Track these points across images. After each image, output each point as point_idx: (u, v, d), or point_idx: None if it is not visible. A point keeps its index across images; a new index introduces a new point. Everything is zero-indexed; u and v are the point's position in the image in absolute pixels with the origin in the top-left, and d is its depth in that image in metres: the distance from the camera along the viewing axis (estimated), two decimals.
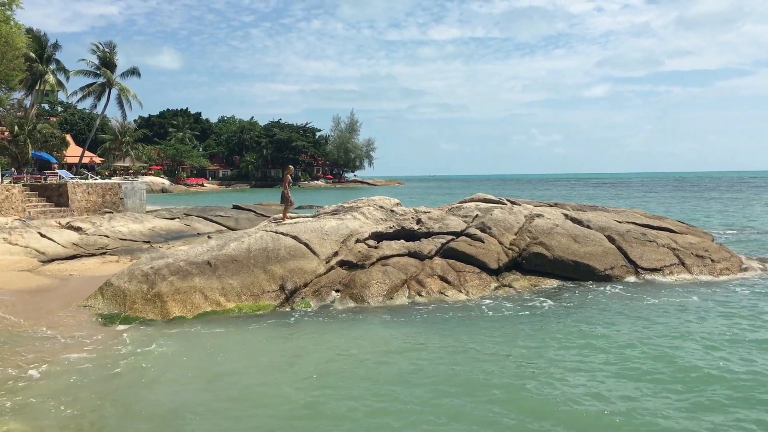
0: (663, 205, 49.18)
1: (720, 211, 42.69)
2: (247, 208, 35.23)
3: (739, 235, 26.73)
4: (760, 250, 21.41)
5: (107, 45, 52.37)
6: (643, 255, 16.67)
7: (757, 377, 8.86)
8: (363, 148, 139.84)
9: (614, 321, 12.10)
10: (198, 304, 13.28)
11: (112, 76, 52.11)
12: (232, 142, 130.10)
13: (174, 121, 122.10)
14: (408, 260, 15.77)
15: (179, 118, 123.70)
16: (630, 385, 8.63)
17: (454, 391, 8.55)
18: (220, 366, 9.85)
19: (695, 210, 43.73)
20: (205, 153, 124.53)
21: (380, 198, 19.98)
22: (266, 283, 14.03)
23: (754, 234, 27.06)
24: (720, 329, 11.35)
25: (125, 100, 54.44)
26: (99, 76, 52.16)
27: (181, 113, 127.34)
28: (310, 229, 16.12)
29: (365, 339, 11.21)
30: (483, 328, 11.79)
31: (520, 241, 16.89)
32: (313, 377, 9.21)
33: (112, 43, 52.72)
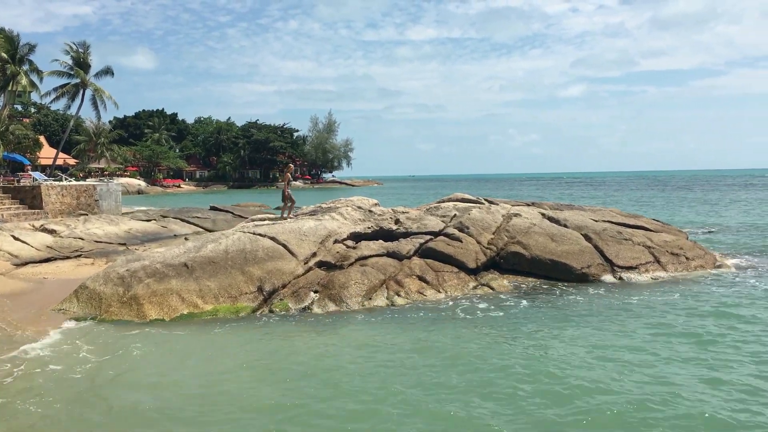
0: (638, 204, 49.73)
1: (694, 209, 43.27)
2: (224, 209, 34.99)
3: (713, 232, 27.11)
4: (733, 247, 21.72)
5: (81, 45, 51.67)
6: (619, 253, 16.83)
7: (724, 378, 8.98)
8: (341, 149, 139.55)
9: (585, 323, 12.11)
10: (175, 307, 13.16)
11: (86, 77, 51.42)
12: (209, 142, 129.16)
13: (150, 122, 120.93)
14: (386, 260, 15.77)
15: (155, 118, 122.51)
16: (597, 386, 8.62)
17: (426, 392, 8.54)
18: (189, 368, 9.82)
19: (670, 208, 44.27)
20: (182, 154, 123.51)
21: (358, 198, 19.97)
22: (244, 284, 13.94)
23: (728, 231, 27.47)
24: (692, 329, 11.47)
25: (100, 100, 53.77)
26: (73, 76, 51.46)
27: (157, 114, 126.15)
28: (288, 230, 16.05)
29: (340, 341, 11.16)
30: (457, 330, 11.77)
31: (497, 240, 16.97)
32: (284, 379, 9.17)
33: (86, 43, 51.99)
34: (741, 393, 8.22)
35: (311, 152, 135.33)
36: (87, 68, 51.77)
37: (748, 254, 20.16)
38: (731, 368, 9.16)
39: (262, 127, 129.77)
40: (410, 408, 8.00)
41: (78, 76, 51.34)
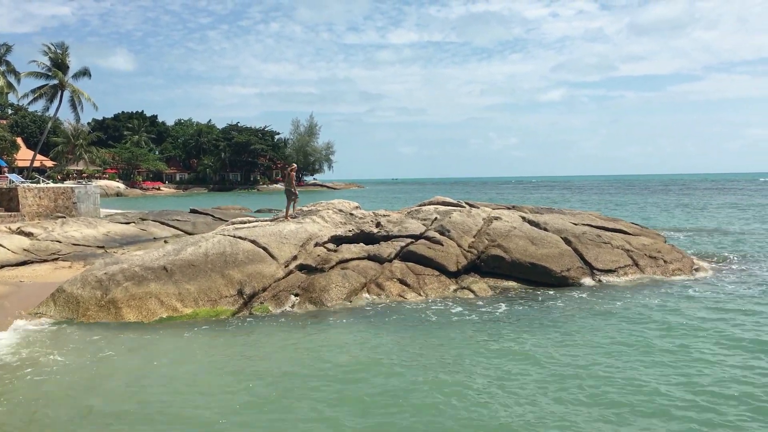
0: (617, 207, 50.15)
1: (672, 212, 43.74)
2: (204, 212, 34.81)
3: (691, 236, 27.42)
4: (710, 251, 21.98)
5: (59, 46, 51.21)
6: (598, 256, 16.96)
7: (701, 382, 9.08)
8: (322, 152, 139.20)
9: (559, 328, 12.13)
10: (154, 310, 13.06)
11: (64, 78, 50.94)
12: (189, 145, 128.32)
13: (129, 124, 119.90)
14: (367, 263, 15.76)
15: (135, 120, 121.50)
16: (563, 394, 8.60)
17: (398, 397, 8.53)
18: (156, 371, 9.78)
19: (647, 212, 44.70)
20: (162, 156, 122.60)
21: (339, 201, 19.95)
22: (224, 287, 13.87)
23: (705, 235, 27.80)
24: (671, 334, 11.57)
25: (78, 102, 53.27)
26: (51, 77, 50.96)
27: (137, 116, 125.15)
28: (268, 233, 16.00)
29: (317, 345, 11.08)
30: (433, 334, 11.74)
31: (478, 243, 17.03)
32: (254, 383, 9.12)
33: (64, 44, 51.57)
34: (717, 397, 8.30)
35: (292, 155, 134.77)
36: (65, 69, 51.29)
37: (723, 258, 20.40)
38: (707, 373, 9.24)
39: (243, 129, 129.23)
40: (367, 415, 7.96)
41: (56, 77, 50.83)
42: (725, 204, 52.19)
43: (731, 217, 37.79)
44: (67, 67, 51.48)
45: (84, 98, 53.03)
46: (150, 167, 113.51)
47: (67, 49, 51.64)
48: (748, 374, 9.09)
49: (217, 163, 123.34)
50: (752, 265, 18.92)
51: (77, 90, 52.61)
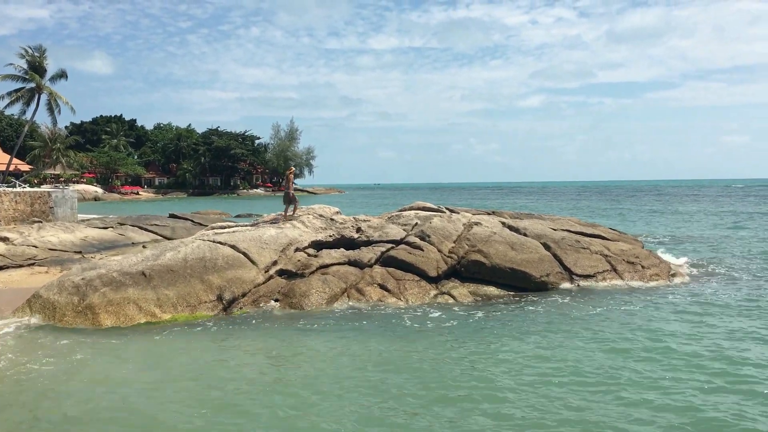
0: (595, 213, 50.61)
1: (650, 218, 44.23)
2: (184, 217, 34.55)
3: (668, 241, 27.74)
4: (686, 257, 22.22)
5: (36, 49, 50.64)
6: (577, 262, 17.09)
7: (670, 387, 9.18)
8: (303, 157, 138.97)
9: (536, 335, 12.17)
10: (132, 316, 12.94)
11: (41, 81, 50.38)
12: (168, 149, 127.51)
13: (107, 128, 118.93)
14: (348, 269, 15.75)
15: (113, 124, 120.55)
16: (543, 401, 8.62)
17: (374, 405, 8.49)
18: (128, 375, 9.72)
19: (626, 217, 45.16)
20: (141, 161, 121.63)
21: (320, 206, 19.90)
22: (203, 293, 13.78)
23: (682, 240, 28.14)
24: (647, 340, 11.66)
25: (55, 105, 52.69)
26: (28, 80, 50.37)
27: (115, 120, 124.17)
28: (248, 238, 15.93)
29: (294, 351, 11.01)
30: (412, 341, 11.72)
31: (458, 249, 17.08)
32: (226, 388, 9.05)
33: (42, 47, 51.00)
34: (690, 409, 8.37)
35: (273, 160, 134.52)
36: (43, 72, 50.74)
37: (700, 263, 20.66)
38: (683, 380, 9.32)
39: (223, 134, 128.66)
40: (341, 423, 7.91)
41: (33, 80, 50.27)
42: (702, 210, 52.87)
43: (708, 223, 38.30)
44: (45, 71, 50.94)
45: (61, 102, 52.49)
46: (128, 172, 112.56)
47: (45, 52, 51.12)
48: (726, 380, 9.20)
49: (197, 168, 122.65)
50: (728, 270, 19.17)
51: (54, 93, 52.05)
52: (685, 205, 63.14)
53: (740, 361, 10.01)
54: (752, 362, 9.92)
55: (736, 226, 35.49)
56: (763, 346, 10.88)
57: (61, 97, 52.67)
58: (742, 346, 10.87)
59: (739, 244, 26.17)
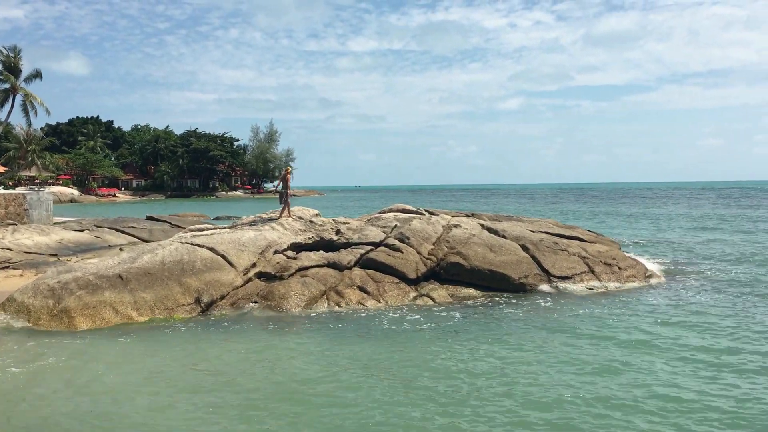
0: (573, 215, 51.04)
1: (627, 220, 44.70)
2: (161, 219, 34.27)
3: (645, 243, 28.05)
4: (664, 258, 22.50)
5: (11, 49, 50.07)
6: (555, 263, 17.21)
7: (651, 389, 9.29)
8: (282, 158, 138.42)
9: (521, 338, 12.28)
10: (108, 319, 12.80)
11: (16, 82, 49.80)
12: (146, 151, 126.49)
13: (84, 129, 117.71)
14: (327, 271, 15.72)
15: (90, 126, 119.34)
16: (524, 403, 8.68)
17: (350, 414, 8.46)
18: (105, 379, 9.62)
19: (603, 219, 45.60)
20: (118, 162, 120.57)
21: (299, 209, 19.86)
22: (181, 296, 13.67)
23: (659, 242, 28.47)
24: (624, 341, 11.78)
25: (30, 106, 52.12)
26: (2, 81, 49.74)
27: (92, 121, 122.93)
28: (227, 241, 15.84)
29: (272, 355, 10.92)
30: (392, 345, 11.71)
31: (437, 251, 17.13)
32: (200, 393, 8.96)
33: (16, 47, 50.46)
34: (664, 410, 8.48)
35: (252, 162, 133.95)
36: (18, 73, 50.18)
37: (675, 265, 20.91)
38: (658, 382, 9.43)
39: (202, 135, 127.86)
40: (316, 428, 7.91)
41: (8, 81, 49.66)
42: (678, 212, 53.54)
43: (684, 225, 38.78)
44: (20, 71, 50.38)
45: (37, 103, 51.95)
46: (105, 173, 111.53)
47: (20, 53, 50.57)
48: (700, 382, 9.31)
49: (175, 170, 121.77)
50: (703, 272, 19.42)
51: (30, 94, 51.46)
52: (662, 207, 63.87)
53: (719, 359, 10.15)
54: (731, 360, 10.07)
55: (711, 228, 35.98)
56: (734, 342, 11.04)
57: (37, 97, 52.11)
58: (717, 346, 11.01)
59: (714, 246, 26.53)
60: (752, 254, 23.51)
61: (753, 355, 10.41)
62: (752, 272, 19.20)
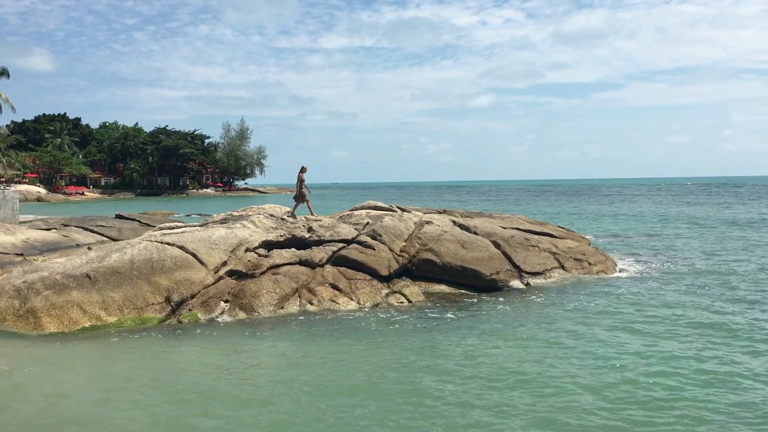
0: (545, 211, 51.50)
1: (597, 215, 45.24)
2: (130, 217, 33.79)
3: (614, 238, 28.42)
4: (633, 252, 22.82)
5: None
6: (526, 259, 17.34)
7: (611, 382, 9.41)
8: (254, 156, 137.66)
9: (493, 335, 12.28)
10: (76, 320, 12.60)
11: None
12: (115, 149, 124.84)
13: (51, 127, 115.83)
14: (299, 269, 15.65)
15: (57, 123, 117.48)
16: (499, 401, 8.73)
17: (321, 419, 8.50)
18: (72, 384, 9.48)
19: (574, 214, 46.09)
20: (86, 160, 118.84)
21: (271, 206, 19.74)
22: (150, 295, 13.50)
23: (628, 237, 28.87)
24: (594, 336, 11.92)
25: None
26: None
27: (59, 118, 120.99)
28: (197, 239, 15.68)
29: (243, 358, 10.77)
30: (365, 347, 11.70)
31: (410, 247, 17.15)
32: (170, 398, 8.82)
33: None
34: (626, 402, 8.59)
35: (223, 159, 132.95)
36: None
37: (644, 259, 21.21)
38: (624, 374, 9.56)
39: (172, 133, 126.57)
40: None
41: None
42: (647, 207, 54.31)
43: (652, 221, 39.35)
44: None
45: (1, 99, 50.90)
46: (73, 171, 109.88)
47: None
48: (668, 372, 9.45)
49: (145, 168, 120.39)
50: (671, 266, 19.73)
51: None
52: (632, 202, 64.76)
53: (686, 351, 10.32)
54: (694, 351, 10.24)
55: (682, 223, 36.55)
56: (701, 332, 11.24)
57: (1, 94, 51.05)
58: (685, 337, 11.20)
59: (681, 241, 26.95)
60: (719, 249, 23.93)
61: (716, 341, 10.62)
62: (718, 265, 19.52)
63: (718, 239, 27.39)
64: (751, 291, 15.48)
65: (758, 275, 17.70)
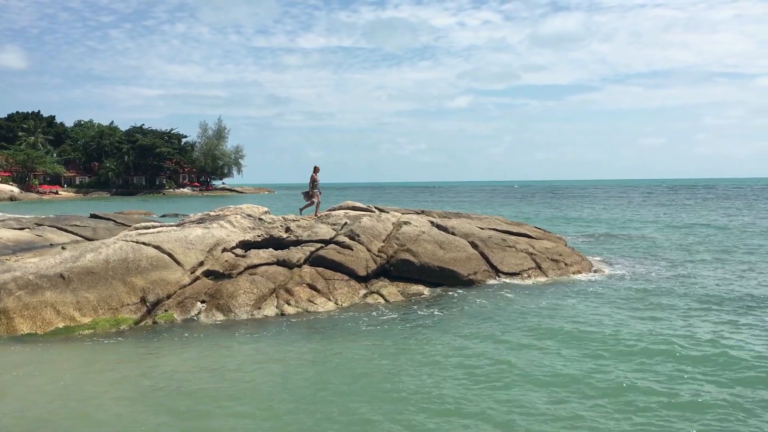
0: (521, 211, 51.82)
1: (573, 216, 45.61)
2: (106, 217, 33.37)
3: (590, 239, 28.68)
4: (609, 253, 23.04)
5: None
6: (503, 260, 17.44)
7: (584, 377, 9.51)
8: (231, 155, 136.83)
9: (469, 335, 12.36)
10: (50, 320, 12.42)
11: None
12: (90, 147, 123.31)
13: (24, 125, 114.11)
14: (276, 269, 15.58)
15: (30, 121, 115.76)
16: (476, 398, 8.80)
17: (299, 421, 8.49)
18: (38, 387, 9.30)
19: (551, 215, 46.43)
20: (60, 159, 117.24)
21: (248, 206, 19.64)
22: (126, 295, 13.36)
23: (604, 238, 29.15)
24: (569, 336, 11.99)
25: None
26: None
27: (33, 116, 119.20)
28: (173, 239, 15.54)
29: (219, 361, 10.62)
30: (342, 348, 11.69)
31: (387, 248, 17.16)
32: (149, 400, 8.73)
33: None
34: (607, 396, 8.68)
35: (200, 159, 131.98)
36: None
37: (620, 260, 21.43)
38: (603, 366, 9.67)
39: (148, 132, 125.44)
40: None
41: None
42: (621, 208, 54.92)
43: (627, 221, 39.79)
44: None
45: None
46: (47, 170, 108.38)
47: None
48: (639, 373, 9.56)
49: (120, 167, 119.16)
50: (646, 267, 19.96)
51: None
52: (606, 203, 65.39)
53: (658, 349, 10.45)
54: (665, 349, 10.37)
55: (658, 224, 37.00)
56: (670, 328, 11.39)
57: None
58: (660, 336, 11.33)
59: (656, 241, 27.28)
60: (693, 250, 24.26)
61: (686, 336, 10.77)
62: (691, 266, 19.78)
63: (692, 241, 27.74)
64: (722, 291, 15.72)
65: (727, 276, 17.98)
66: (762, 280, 17.27)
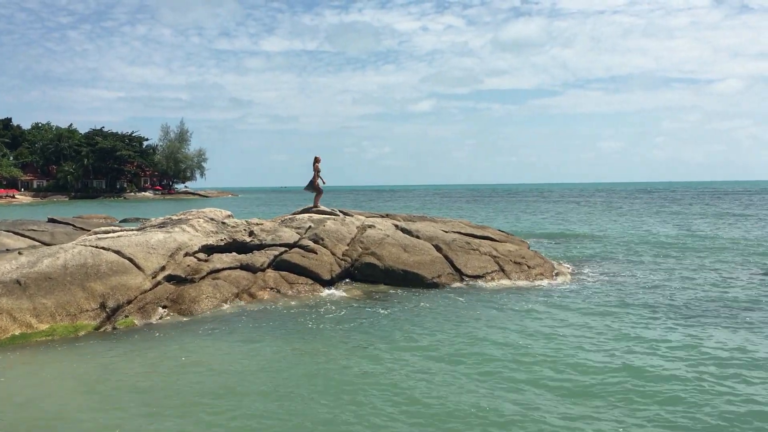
0: (485, 214, 52.26)
1: (534, 220, 46.15)
2: (64, 221, 32.68)
3: (553, 242, 29.04)
4: (570, 255, 23.37)
5: None
6: (467, 263, 17.56)
7: None
8: (194, 159, 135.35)
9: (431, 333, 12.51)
10: (5, 327, 12.10)
11: None
12: (48, 150, 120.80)
13: None
14: (240, 273, 15.46)
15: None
16: (438, 393, 8.91)
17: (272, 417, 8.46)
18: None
19: (514, 218, 46.93)
20: (17, 162, 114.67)
21: (211, 210, 19.44)
22: (85, 301, 13.10)
23: (566, 240, 29.55)
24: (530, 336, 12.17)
25: None
26: None
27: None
28: (134, 243, 15.30)
29: (183, 362, 10.52)
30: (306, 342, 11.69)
31: (352, 251, 17.16)
32: (111, 405, 8.61)
33: None
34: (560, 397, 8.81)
35: (162, 162, 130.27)
36: None
37: (582, 262, 21.75)
38: (547, 372, 9.80)
39: (108, 134, 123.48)
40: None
41: None
42: (582, 211, 55.77)
43: (588, 225, 40.41)
44: None
45: None
46: (3, 174, 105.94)
47: None
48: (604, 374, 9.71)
49: (79, 170, 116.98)
50: (607, 268, 20.28)
51: None
52: (568, 205, 66.33)
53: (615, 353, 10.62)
54: (607, 356, 10.56)
55: (619, 226, 37.65)
56: (623, 342, 11.59)
57: None
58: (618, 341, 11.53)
59: (618, 243, 27.76)
60: (654, 253, 24.75)
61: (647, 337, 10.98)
62: (652, 271, 20.17)
63: (654, 244, 28.29)
64: (682, 297, 16.02)
65: (691, 281, 18.38)
66: (709, 278, 17.72)
